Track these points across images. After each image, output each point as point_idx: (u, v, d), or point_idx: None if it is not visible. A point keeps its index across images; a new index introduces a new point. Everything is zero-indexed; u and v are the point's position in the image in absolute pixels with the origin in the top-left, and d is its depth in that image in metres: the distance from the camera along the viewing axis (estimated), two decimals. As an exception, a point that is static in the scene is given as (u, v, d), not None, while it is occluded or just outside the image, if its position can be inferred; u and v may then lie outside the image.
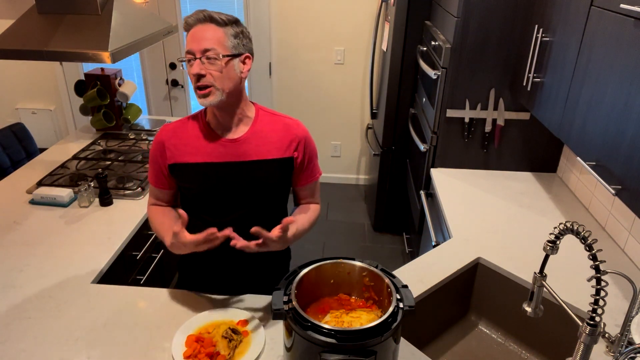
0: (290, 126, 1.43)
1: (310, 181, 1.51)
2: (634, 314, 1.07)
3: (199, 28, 1.27)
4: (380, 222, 3.53)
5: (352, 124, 4.09)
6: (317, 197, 1.58)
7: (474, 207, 2.02)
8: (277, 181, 1.43)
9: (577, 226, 1.02)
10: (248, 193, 1.41)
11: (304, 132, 1.45)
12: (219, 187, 1.40)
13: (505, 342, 1.64)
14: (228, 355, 1.24)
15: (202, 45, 1.25)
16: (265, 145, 1.40)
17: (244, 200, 1.42)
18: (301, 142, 1.43)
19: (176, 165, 1.40)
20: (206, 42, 1.26)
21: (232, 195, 1.41)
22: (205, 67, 1.26)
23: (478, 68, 2.18)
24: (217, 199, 1.42)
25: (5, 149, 2.69)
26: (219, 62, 1.27)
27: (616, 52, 1.29)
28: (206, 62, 1.26)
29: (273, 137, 1.41)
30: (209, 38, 1.26)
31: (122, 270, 1.86)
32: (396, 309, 1.04)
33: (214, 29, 1.27)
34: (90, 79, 2.71)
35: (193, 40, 1.27)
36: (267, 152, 1.40)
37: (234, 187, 1.40)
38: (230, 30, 1.30)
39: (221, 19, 1.28)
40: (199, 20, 1.28)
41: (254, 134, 1.40)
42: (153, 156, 1.43)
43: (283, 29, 3.77)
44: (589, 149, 1.43)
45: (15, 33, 1.87)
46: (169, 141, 1.40)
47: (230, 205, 1.42)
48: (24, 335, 1.34)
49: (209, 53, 1.26)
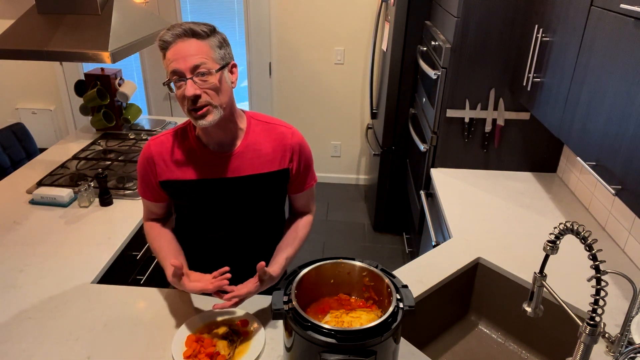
0: (284, 135, 1.36)
1: (306, 188, 1.46)
2: (634, 314, 1.07)
3: (181, 45, 1.16)
4: (380, 222, 3.53)
5: (352, 124, 4.09)
6: (312, 204, 1.53)
7: (474, 207, 2.02)
8: (272, 194, 1.40)
9: (577, 226, 1.02)
10: (243, 208, 1.38)
11: (299, 140, 1.38)
12: (212, 203, 1.36)
13: (505, 342, 1.64)
14: (228, 355, 1.24)
15: (190, 63, 1.15)
16: (259, 158, 1.34)
17: (239, 215, 1.39)
18: (296, 152, 1.37)
19: (168, 182, 1.34)
20: (194, 59, 1.15)
21: (226, 211, 1.38)
22: (199, 85, 1.17)
23: (478, 68, 2.18)
24: (211, 215, 1.38)
25: (5, 149, 2.69)
26: (212, 79, 1.18)
27: (616, 52, 1.29)
28: (198, 80, 1.16)
29: (267, 149, 1.34)
30: (195, 53, 1.16)
31: (122, 270, 1.86)
32: (396, 309, 1.04)
33: (198, 43, 1.17)
34: (90, 79, 2.71)
35: (177, 58, 1.15)
36: (261, 165, 1.34)
37: (228, 204, 1.36)
38: (214, 40, 1.20)
39: (203, 30, 1.18)
40: (178, 36, 1.16)
41: (247, 147, 1.33)
42: (142, 171, 1.37)
43: (283, 29, 3.77)
44: (589, 149, 1.43)
45: (15, 33, 1.87)
46: (158, 156, 1.33)
47: (225, 221, 1.40)
48: (24, 335, 1.34)
49: (199, 69, 1.16)
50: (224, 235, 1.42)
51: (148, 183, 1.38)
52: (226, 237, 1.43)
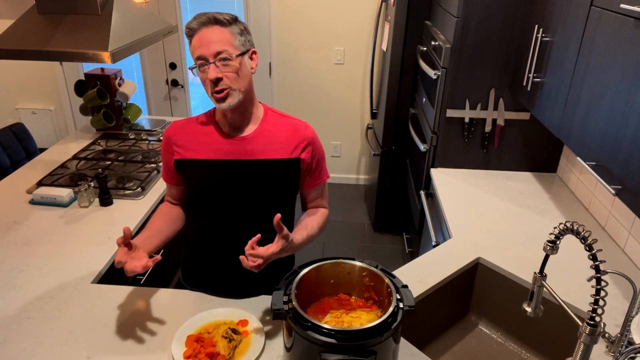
0: (298, 127, 1.43)
1: (318, 184, 1.50)
2: (634, 314, 1.07)
3: (205, 31, 1.26)
4: (380, 222, 3.53)
5: (352, 124, 4.09)
6: (325, 201, 1.56)
7: (474, 207, 2.02)
8: (282, 181, 1.42)
9: (577, 226, 1.02)
10: (253, 192, 1.41)
11: (312, 134, 1.44)
12: (223, 184, 1.40)
13: (505, 342, 1.64)
14: (228, 355, 1.24)
15: (214, 49, 1.24)
16: (272, 144, 1.39)
17: (249, 199, 1.42)
18: (309, 145, 1.43)
19: (182, 161, 1.41)
20: (217, 45, 1.24)
21: (236, 193, 1.41)
22: (220, 70, 1.26)
23: (478, 68, 2.18)
24: (221, 197, 1.42)
25: (5, 149, 2.69)
26: (233, 63, 1.27)
27: (616, 52, 1.29)
28: (220, 65, 1.25)
29: (280, 137, 1.41)
30: (218, 40, 1.25)
31: (122, 270, 1.86)
32: (396, 309, 1.04)
33: (221, 30, 1.26)
34: (90, 79, 2.71)
35: (202, 45, 1.25)
36: (273, 151, 1.39)
37: (238, 185, 1.40)
38: (236, 28, 1.29)
39: (225, 19, 1.27)
40: (203, 24, 1.26)
41: (261, 133, 1.40)
42: (162, 152, 1.47)
43: (283, 29, 3.77)
44: (589, 149, 1.43)
45: (15, 33, 1.86)
46: (175, 136, 1.42)
47: (235, 204, 1.42)
48: (24, 335, 1.34)
49: (222, 55, 1.25)
50: (233, 219, 1.44)
51: (167, 164, 1.46)
52: (235, 222, 1.45)
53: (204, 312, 1.40)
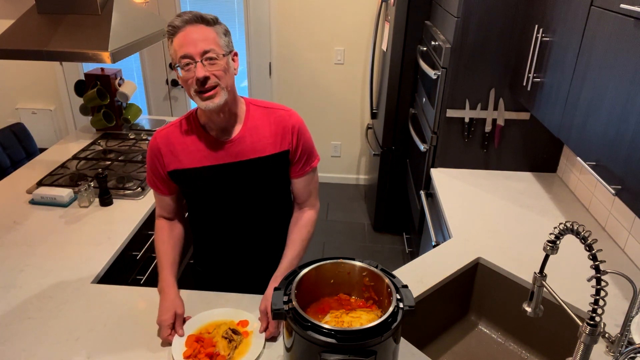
0: (282, 117, 1.40)
1: (306, 171, 1.47)
2: (634, 314, 1.07)
3: (191, 30, 1.23)
4: (380, 222, 3.53)
5: (352, 124, 4.09)
6: (314, 197, 1.53)
7: (474, 207, 2.02)
8: (275, 177, 1.43)
9: (577, 226, 1.02)
10: (248, 192, 1.42)
11: (297, 121, 1.42)
12: (218, 189, 1.40)
13: (505, 342, 1.64)
14: (228, 356, 1.24)
15: (201, 47, 1.22)
16: (260, 141, 1.38)
17: (245, 199, 1.42)
18: (295, 133, 1.40)
19: (176, 171, 1.39)
20: (203, 44, 1.22)
21: (233, 196, 1.41)
22: (207, 69, 1.23)
23: (478, 68, 2.18)
24: (219, 201, 1.42)
25: (5, 149, 2.69)
26: (220, 62, 1.25)
27: (616, 52, 1.29)
28: (207, 64, 1.23)
29: (266, 132, 1.39)
30: (205, 39, 1.22)
31: (122, 270, 1.86)
32: (396, 309, 1.04)
33: (206, 30, 1.24)
34: (90, 79, 2.71)
35: (187, 43, 1.21)
36: (262, 149, 1.38)
37: (233, 188, 1.40)
38: (220, 28, 1.28)
39: (210, 18, 1.25)
40: (187, 22, 1.23)
41: (247, 131, 1.38)
42: (151, 164, 1.41)
43: (283, 28, 3.77)
44: (589, 149, 1.43)
45: (15, 33, 1.86)
46: (165, 148, 1.38)
47: (233, 206, 1.43)
48: (24, 335, 1.34)
49: (208, 54, 1.22)
50: (233, 220, 1.45)
51: (157, 175, 1.42)
52: (235, 222, 1.46)
53: (204, 312, 1.40)
